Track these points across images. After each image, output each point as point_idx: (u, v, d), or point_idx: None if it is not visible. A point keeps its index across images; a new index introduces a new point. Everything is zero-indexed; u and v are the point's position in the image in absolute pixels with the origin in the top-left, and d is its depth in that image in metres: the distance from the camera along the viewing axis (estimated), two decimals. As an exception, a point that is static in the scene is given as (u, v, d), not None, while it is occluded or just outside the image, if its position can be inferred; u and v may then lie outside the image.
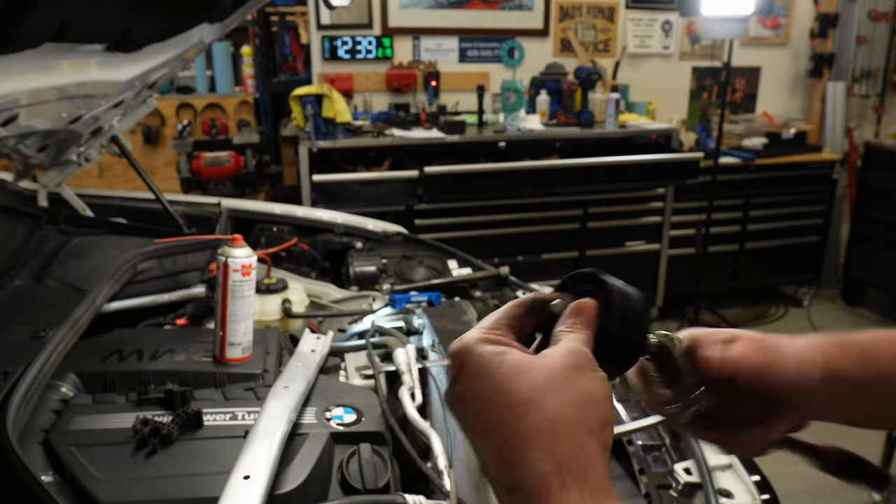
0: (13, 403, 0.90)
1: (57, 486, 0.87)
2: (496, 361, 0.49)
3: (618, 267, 4.17)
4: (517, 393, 0.48)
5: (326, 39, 4.13)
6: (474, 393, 0.49)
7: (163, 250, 1.54)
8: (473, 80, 4.22)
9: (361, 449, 1.00)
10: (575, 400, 0.47)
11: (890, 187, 4.66)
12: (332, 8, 3.86)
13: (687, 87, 4.86)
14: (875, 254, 4.78)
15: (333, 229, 2.10)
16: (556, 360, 0.49)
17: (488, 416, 0.48)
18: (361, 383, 1.29)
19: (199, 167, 3.91)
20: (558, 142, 3.92)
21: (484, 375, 0.49)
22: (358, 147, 3.63)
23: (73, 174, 2.00)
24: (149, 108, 2.08)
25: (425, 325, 1.55)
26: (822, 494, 3.01)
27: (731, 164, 4.37)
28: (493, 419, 0.48)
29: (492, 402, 0.48)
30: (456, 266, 1.95)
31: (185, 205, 2.18)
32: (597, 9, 4.53)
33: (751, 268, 4.66)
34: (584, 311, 0.54)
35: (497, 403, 0.48)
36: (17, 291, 1.36)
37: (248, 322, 1.24)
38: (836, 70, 5.02)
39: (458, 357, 0.51)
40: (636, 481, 1.08)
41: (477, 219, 3.82)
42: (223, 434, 1.00)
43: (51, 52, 1.11)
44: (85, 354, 1.17)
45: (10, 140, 1.45)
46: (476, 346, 0.51)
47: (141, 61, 1.45)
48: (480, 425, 0.49)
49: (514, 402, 0.47)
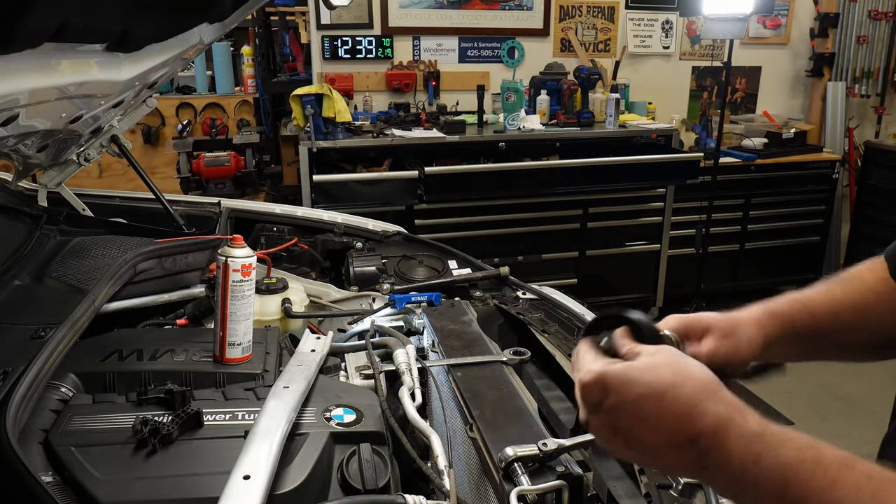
0: (13, 403, 0.90)
1: (57, 486, 0.87)
2: (630, 374, 0.63)
3: (618, 267, 4.18)
4: (662, 380, 0.61)
5: (326, 39, 4.13)
6: (629, 400, 0.62)
7: (163, 250, 1.54)
8: (473, 80, 4.22)
9: (361, 449, 1.00)
10: (701, 370, 0.64)
11: (890, 187, 4.66)
12: (332, 8, 3.86)
13: (687, 87, 4.86)
14: (875, 254, 4.74)
15: (333, 229, 2.10)
16: (662, 354, 0.65)
17: (649, 406, 0.61)
18: (361, 383, 1.29)
19: (199, 167, 3.91)
20: (558, 142, 3.92)
21: (629, 385, 0.62)
22: (358, 147, 3.63)
23: (72, 174, 2.00)
24: (149, 108, 2.08)
25: (425, 325, 1.55)
26: (822, 494, 3.01)
27: (731, 164, 4.37)
28: (655, 404, 0.61)
29: (648, 395, 0.61)
30: (456, 266, 1.94)
31: (185, 205, 2.18)
32: (597, 9, 4.53)
33: (751, 268, 4.66)
34: (625, 334, 0.70)
35: (653, 394, 0.61)
36: (17, 291, 1.36)
37: (248, 322, 1.24)
38: (836, 70, 5.02)
39: (597, 381, 0.64)
40: (636, 481, 1.08)
41: (477, 219, 3.82)
42: (223, 434, 1.00)
43: (51, 52, 1.11)
44: (85, 354, 1.17)
45: (10, 140, 1.45)
46: (608, 367, 0.64)
47: (141, 61, 1.45)
48: (643, 415, 0.61)
49: (666, 386, 0.61)
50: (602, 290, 4.14)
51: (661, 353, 0.66)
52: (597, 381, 0.64)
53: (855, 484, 0.55)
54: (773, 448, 0.58)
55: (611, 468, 1.08)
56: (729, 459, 0.59)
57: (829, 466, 0.57)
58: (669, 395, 0.61)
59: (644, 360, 0.64)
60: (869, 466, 0.57)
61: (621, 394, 0.62)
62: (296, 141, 3.85)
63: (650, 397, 0.61)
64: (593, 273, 4.12)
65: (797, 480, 0.56)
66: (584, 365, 0.67)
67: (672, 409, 0.60)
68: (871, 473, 0.56)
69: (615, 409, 0.63)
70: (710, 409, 0.60)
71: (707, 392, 0.61)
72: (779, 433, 0.59)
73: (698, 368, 0.64)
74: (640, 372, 0.63)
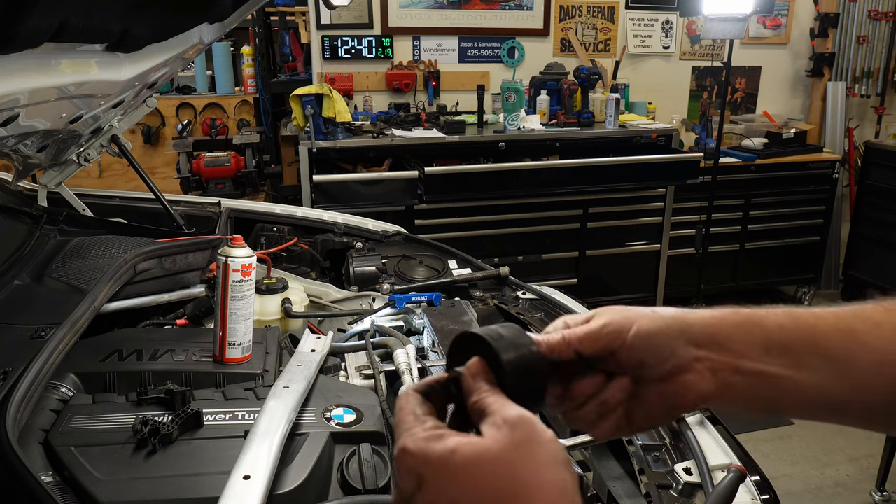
0: (13, 403, 0.90)
1: (57, 486, 0.87)
2: (450, 468, 0.46)
3: (618, 267, 4.19)
4: (486, 492, 0.45)
5: (326, 39, 4.13)
6: (445, 501, 0.45)
7: (163, 250, 1.54)
8: (473, 80, 4.22)
9: (361, 449, 1.00)
10: (556, 476, 0.46)
11: (890, 187, 4.66)
12: (332, 8, 3.86)
13: (687, 87, 4.86)
14: (875, 254, 4.78)
15: (333, 229, 2.10)
16: (515, 432, 0.47)
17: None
18: (361, 383, 1.29)
19: (199, 167, 3.91)
20: (558, 142, 3.92)
21: (446, 484, 0.45)
22: (358, 147, 3.63)
23: (72, 174, 2.01)
24: (149, 108, 2.08)
25: (425, 325, 1.55)
26: (822, 494, 3.01)
27: (731, 164, 4.37)
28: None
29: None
30: (456, 266, 1.95)
31: (185, 205, 2.18)
32: (597, 9, 4.53)
33: (751, 268, 4.66)
34: (476, 372, 0.52)
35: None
36: (17, 291, 1.36)
37: (248, 322, 1.24)
38: (836, 70, 5.02)
39: (412, 466, 0.47)
40: (636, 481, 1.08)
41: (477, 219, 3.82)
42: (223, 434, 1.00)
43: (51, 52, 1.11)
44: (85, 354, 1.17)
45: (10, 140, 1.45)
46: (426, 448, 0.47)
47: (141, 61, 1.45)
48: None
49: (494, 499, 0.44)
50: (602, 290, 4.15)
51: (515, 431, 0.47)
52: (408, 464, 0.47)
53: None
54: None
55: (611, 468, 1.08)
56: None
57: None
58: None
59: (477, 446, 0.46)
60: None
61: (437, 492, 0.46)
62: (296, 141, 3.85)
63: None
64: (593, 273, 4.12)
65: None
66: (402, 429, 0.50)
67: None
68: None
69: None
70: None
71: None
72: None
73: (553, 475, 0.45)
74: (463, 467, 0.45)
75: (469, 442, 0.46)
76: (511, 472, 0.45)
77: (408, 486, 0.47)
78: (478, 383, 0.52)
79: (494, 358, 0.52)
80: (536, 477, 0.45)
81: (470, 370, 0.53)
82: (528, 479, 0.45)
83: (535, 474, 0.45)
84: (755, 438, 3.28)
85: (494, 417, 0.48)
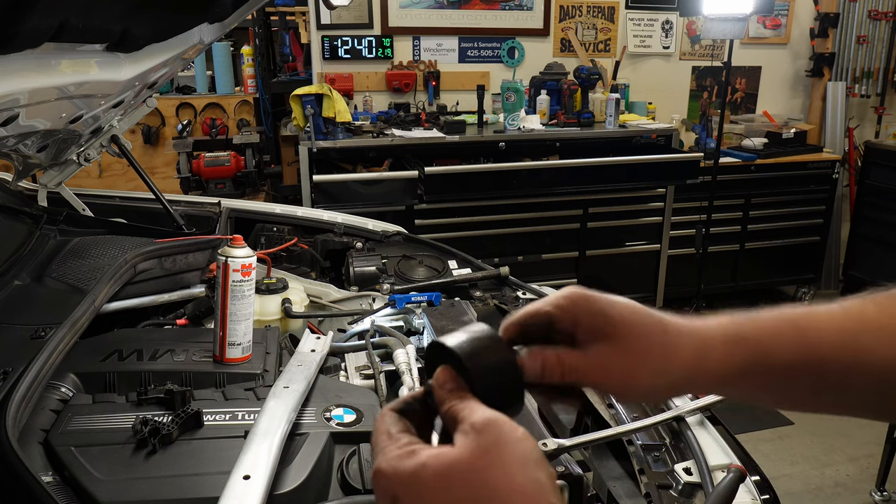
0: (13, 403, 0.90)
1: (57, 486, 0.87)
2: (420, 484, 0.45)
3: (618, 267, 4.19)
4: (466, 498, 0.44)
5: (326, 39, 4.13)
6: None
7: (163, 250, 1.54)
8: (473, 80, 4.22)
9: (361, 449, 1.00)
10: (527, 479, 0.44)
11: (890, 187, 4.66)
12: (332, 8, 3.86)
13: (687, 87, 4.86)
14: (875, 254, 4.78)
15: (333, 229, 2.10)
16: (483, 437, 0.46)
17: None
18: (361, 383, 1.29)
19: (199, 167, 3.91)
20: (558, 142, 3.92)
21: (422, 496, 0.44)
22: (358, 147, 3.63)
23: (72, 174, 2.01)
24: (149, 108, 2.08)
25: (425, 325, 1.55)
26: (822, 494, 3.02)
27: (731, 164, 4.37)
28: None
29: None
30: (456, 266, 1.95)
31: (185, 205, 2.18)
32: (597, 9, 4.53)
33: (751, 268, 4.66)
34: (444, 381, 0.51)
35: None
36: (17, 291, 1.36)
37: (248, 322, 1.24)
38: (836, 70, 5.02)
39: (387, 487, 0.46)
40: (636, 481, 1.08)
41: (477, 219, 3.82)
42: (223, 434, 1.00)
43: (51, 52, 1.11)
44: (85, 354, 1.17)
45: (10, 140, 1.45)
46: (398, 466, 0.46)
47: (141, 61, 1.45)
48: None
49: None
50: (602, 290, 4.13)
51: (482, 436, 0.46)
52: (383, 485, 0.46)
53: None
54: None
55: (611, 468, 1.08)
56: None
57: None
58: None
59: (445, 457, 0.45)
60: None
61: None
62: (296, 141, 3.85)
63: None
64: (593, 273, 4.12)
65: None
66: (376, 450, 0.49)
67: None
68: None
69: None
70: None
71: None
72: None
73: (524, 476, 0.44)
74: (434, 480, 0.44)
75: (438, 454, 0.45)
76: (481, 478, 0.44)
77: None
78: (447, 392, 0.50)
79: (458, 363, 0.51)
80: (508, 480, 0.44)
81: (437, 380, 0.51)
82: (499, 483, 0.43)
83: (506, 477, 0.44)
84: (755, 438, 3.28)
85: (463, 425, 0.47)
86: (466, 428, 0.46)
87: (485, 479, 0.44)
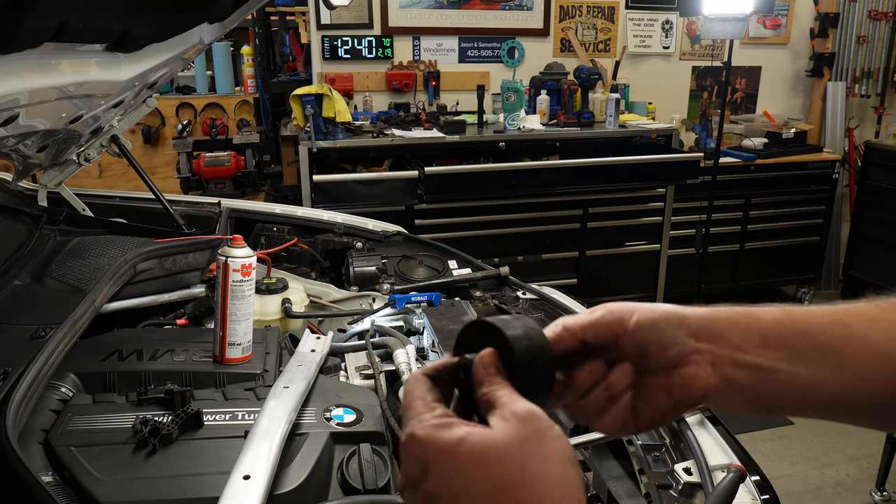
0: (13, 403, 0.90)
1: (57, 486, 0.87)
2: (458, 458, 0.45)
3: (618, 267, 4.19)
4: (490, 485, 0.44)
5: (326, 39, 4.13)
6: (448, 494, 0.45)
7: (163, 250, 1.54)
8: (473, 80, 4.22)
9: (361, 449, 1.00)
10: (562, 472, 0.45)
11: (890, 187, 4.66)
12: (332, 8, 3.86)
13: (687, 87, 4.86)
14: (875, 254, 4.78)
15: (333, 229, 2.10)
16: (524, 426, 0.47)
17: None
18: (361, 383, 1.29)
19: (199, 167, 3.91)
20: (558, 142, 3.92)
21: (453, 474, 0.45)
22: (358, 147, 3.63)
23: (72, 174, 2.01)
24: (149, 108, 2.08)
25: (425, 325, 1.55)
26: (822, 494, 3.02)
27: (731, 164, 4.37)
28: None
29: (471, 500, 0.44)
30: (456, 266, 1.95)
31: (185, 205, 2.18)
32: (597, 9, 4.53)
33: (751, 268, 4.66)
34: (488, 363, 0.52)
35: (480, 497, 0.44)
36: (17, 291, 1.36)
37: (248, 322, 1.24)
38: (836, 70, 5.02)
39: (419, 453, 0.47)
40: (636, 481, 1.08)
41: (477, 219, 3.82)
42: (223, 434, 1.00)
43: (51, 52, 1.11)
44: (85, 354, 1.17)
45: (10, 140, 1.45)
46: (434, 435, 0.47)
47: (141, 61, 1.45)
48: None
49: (496, 497, 0.44)
50: (602, 290, 4.15)
51: (524, 425, 0.46)
52: (415, 451, 0.47)
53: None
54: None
55: (611, 468, 1.08)
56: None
57: None
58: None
59: (486, 437, 0.46)
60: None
61: (443, 480, 0.45)
62: (296, 141, 3.85)
63: (476, 500, 0.44)
64: (593, 273, 4.12)
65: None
66: (411, 414, 0.50)
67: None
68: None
69: (433, 496, 0.46)
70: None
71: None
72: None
73: (559, 470, 0.45)
74: (470, 457, 0.45)
75: (478, 432, 0.46)
76: (518, 464, 0.45)
77: (413, 473, 0.47)
78: (490, 375, 0.52)
79: (508, 351, 0.52)
80: (543, 471, 0.45)
81: (483, 361, 0.53)
82: (535, 472, 0.44)
83: (542, 468, 0.45)
84: (755, 438, 3.28)
85: (503, 410, 0.48)
86: (507, 414, 0.47)
87: (522, 465, 0.45)
